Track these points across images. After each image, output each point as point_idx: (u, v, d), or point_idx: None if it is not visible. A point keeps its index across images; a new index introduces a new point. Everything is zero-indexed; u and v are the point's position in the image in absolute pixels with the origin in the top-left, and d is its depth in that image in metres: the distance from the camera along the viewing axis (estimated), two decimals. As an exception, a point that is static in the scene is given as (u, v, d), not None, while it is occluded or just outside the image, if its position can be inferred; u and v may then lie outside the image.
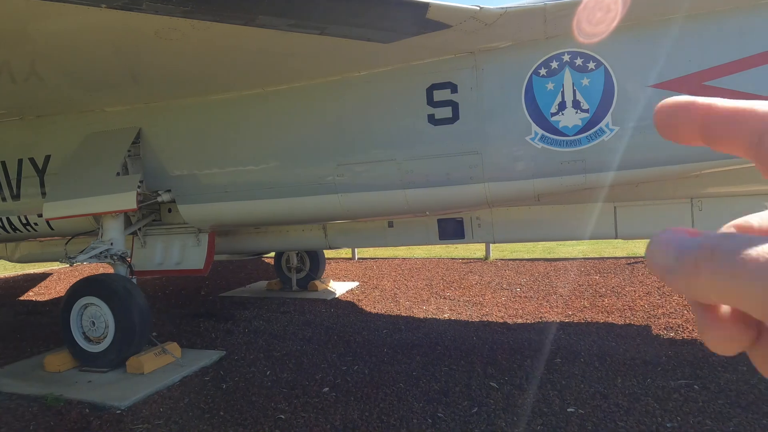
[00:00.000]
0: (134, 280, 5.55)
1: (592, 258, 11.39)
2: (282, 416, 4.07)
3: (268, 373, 5.09)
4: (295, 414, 4.09)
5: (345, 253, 14.33)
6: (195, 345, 6.12)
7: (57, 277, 12.88)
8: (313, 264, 9.30)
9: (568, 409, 3.92)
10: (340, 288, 9.25)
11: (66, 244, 5.73)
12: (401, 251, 14.16)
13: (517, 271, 10.26)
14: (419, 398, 4.29)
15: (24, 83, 4.58)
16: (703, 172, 4.29)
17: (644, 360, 4.88)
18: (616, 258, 11.11)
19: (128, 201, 5.06)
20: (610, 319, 6.40)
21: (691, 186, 5.11)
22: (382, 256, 13.66)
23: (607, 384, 4.36)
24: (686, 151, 4.12)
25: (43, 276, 13.18)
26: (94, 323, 5.23)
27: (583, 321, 6.40)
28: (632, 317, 6.44)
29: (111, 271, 5.67)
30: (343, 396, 4.41)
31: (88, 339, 5.32)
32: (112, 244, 5.46)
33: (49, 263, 14.65)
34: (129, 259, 5.68)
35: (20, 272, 13.88)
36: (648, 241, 0.38)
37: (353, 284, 9.68)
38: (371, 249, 14.11)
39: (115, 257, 5.46)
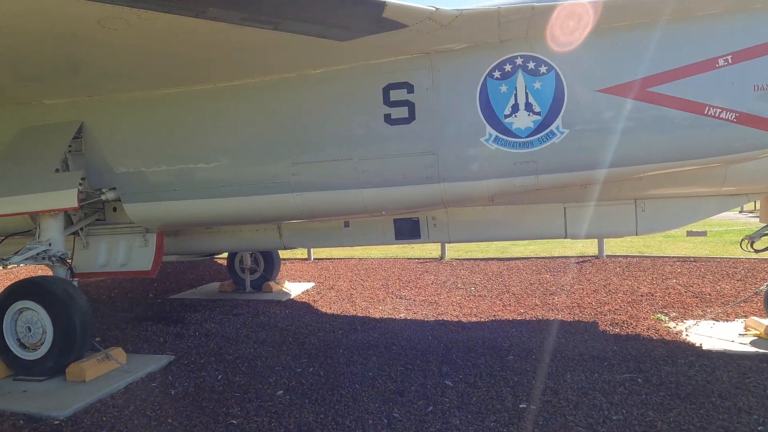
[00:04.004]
0: (75, 283, 5.25)
1: (543, 257, 11.74)
2: (234, 421, 3.95)
3: (220, 377, 4.94)
4: (247, 419, 3.98)
5: (300, 253, 14.14)
6: (142, 350, 5.86)
7: (-10, 281, 12.05)
8: (268, 265, 9.12)
9: (520, 405, 4.01)
10: (295, 289, 9.12)
11: (-1, 244, 5.36)
12: (358, 251, 14.12)
13: (472, 271, 10.43)
14: (375, 399, 4.27)
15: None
16: (647, 174, 4.47)
17: (592, 355, 5.05)
18: (566, 257, 11.49)
19: (69, 199, 4.78)
20: (559, 317, 6.60)
21: (634, 188, 5.33)
22: (338, 257, 13.57)
23: (557, 379, 4.49)
24: (631, 154, 4.29)
25: (-26, 279, 12.30)
26: (30, 329, 4.91)
27: (534, 319, 6.57)
28: (580, 314, 6.66)
29: (49, 273, 5.34)
30: (297, 399, 4.33)
31: (23, 346, 4.99)
32: (50, 244, 5.15)
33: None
34: (70, 261, 5.38)
35: (-52, 275, 12.90)
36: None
37: (309, 285, 9.56)
38: (327, 249, 14.00)
39: (54, 258, 5.15)
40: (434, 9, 3.75)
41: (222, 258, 12.69)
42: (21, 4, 3.28)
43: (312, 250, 13.37)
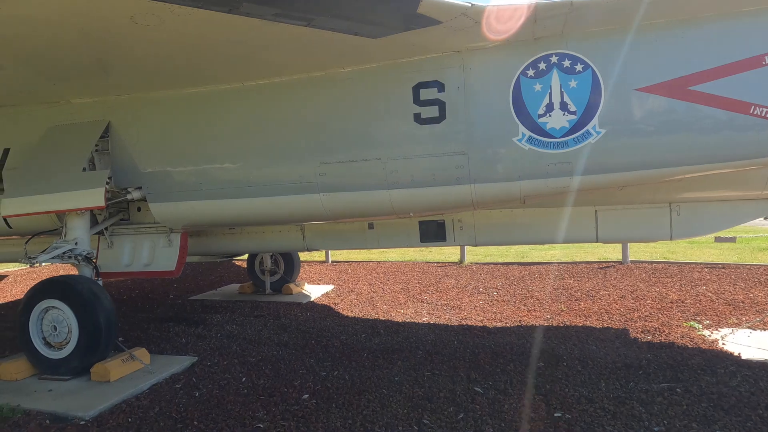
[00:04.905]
0: (100, 283, 5.24)
1: (565, 262, 11.53)
2: (261, 425, 3.87)
3: (244, 379, 4.87)
4: (274, 423, 3.90)
5: (318, 255, 14.10)
6: (164, 351, 5.83)
7: (13, 279, 12.21)
8: (288, 266, 9.08)
9: (555, 414, 3.87)
10: (315, 291, 9.06)
11: (26, 243, 5.36)
12: (375, 254, 14.03)
13: (493, 275, 10.28)
14: (403, 404, 4.16)
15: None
16: (686, 176, 4.32)
17: (625, 363, 4.89)
18: (588, 262, 11.27)
19: (96, 198, 4.76)
20: (588, 323, 6.43)
21: (669, 190, 5.18)
22: (356, 259, 13.50)
23: (591, 388, 4.34)
24: (671, 155, 4.14)
25: (-2, 278, 12.47)
26: (55, 328, 4.90)
27: (562, 325, 6.41)
28: (609, 321, 6.48)
29: (74, 272, 5.33)
30: (324, 403, 4.24)
31: (48, 345, 4.98)
32: (76, 243, 5.14)
33: (3, 265, 13.90)
34: (95, 260, 5.36)
35: (-29, 274, 13.10)
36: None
37: (328, 287, 9.49)
38: (345, 252, 13.94)
39: (80, 258, 5.14)
40: (470, 5, 3.65)
41: (241, 260, 12.70)
42: (53, 2, 3.26)
43: (330, 252, 13.31)
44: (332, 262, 13.24)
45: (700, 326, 6.04)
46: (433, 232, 5.89)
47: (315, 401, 4.28)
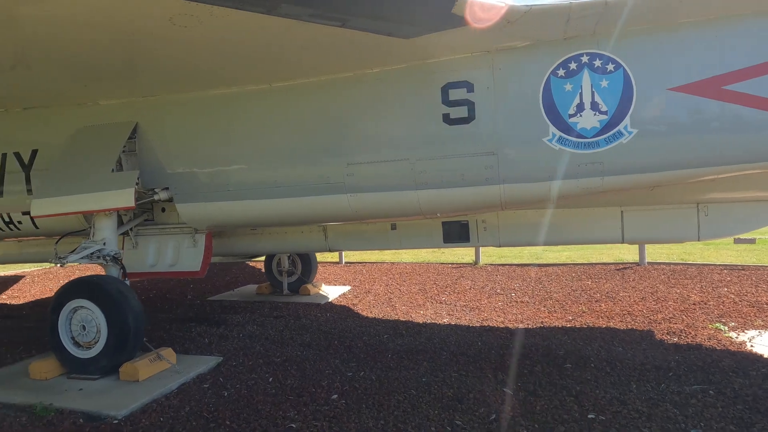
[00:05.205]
0: (127, 282, 5.27)
1: (580, 263, 11.48)
2: (293, 425, 3.87)
3: (271, 379, 4.88)
4: (306, 423, 3.90)
5: (331, 256, 14.12)
6: (189, 351, 5.85)
7: (30, 280, 12.32)
8: (305, 267, 9.10)
9: (589, 416, 3.84)
10: (332, 292, 9.06)
11: (56, 244, 5.40)
12: (389, 255, 14.02)
13: (509, 276, 10.24)
14: (433, 405, 4.15)
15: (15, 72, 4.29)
16: (719, 176, 4.29)
17: (654, 365, 4.85)
18: (604, 263, 11.21)
19: (126, 198, 4.79)
20: (611, 324, 6.39)
21: (697, 191, 5.13)
22: (369, 260, 13.50)
23: (623, 390, 4.31)
24: (704, 155, 4.11)
25: (15, 278, 12.58)
26: (84, 327, 4.94)
27: (585, 326, 6.37)
28: (633, 322, 6.44)
29: (93, 272, 5.37)
30: (354, 403, 4.24)
31: (77, 344, 5.01)
32: (104, 244, 5.17)
33: (20, 265, 14.03)
34: (122, 260, 5.40)
35: (-11, 274, 13.23)
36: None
37: (345, 288, 9.50)
38: (358, 252, 13.94)
39: (108, 258, 5.18)
40: (505, 5, 3.64)
41: (255, 261, 12.73)
42: (91, 3, 3.28)
43: (343, 253, 13.32)
44: (346, 263, 13.26)
45: (726, 328, 5.99)
46: (456, 233, 5.88)
47: (344, 401, 4.28)
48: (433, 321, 6.96)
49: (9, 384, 4.88)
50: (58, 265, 4.85)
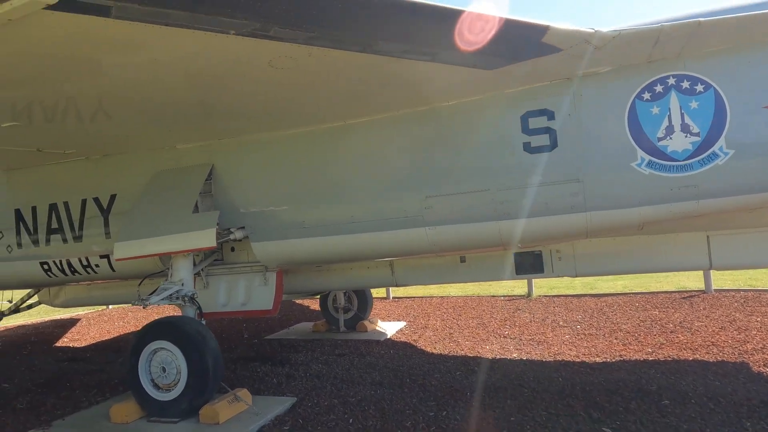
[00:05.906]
0: (203, 323, 5.27)
1: (639, 292, 11.03)
2: (390, 470, 3.71)
3: (351, 420, 4.74)
4: (403, 467, 3.74)
5: (377, 292, 13.97)
6: (260, 391, 5.77)
7: (86, 323, 12.55)
8: (361, 303, 8.99)
9: (709, 457, 3.57)
10: (389, 328, 8.90)
11: (138, 285, 5.48)
12: (435, 290, 13.79)
13: (567, 308, 9.89)
14: (533, 447, 3.93)
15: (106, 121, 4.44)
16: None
17: (761, 400, 4.52)
18: (667, 292, 10.74)
19: (208, 239, 4.85)
20: (697, 357, 6.03)
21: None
22: (416, 295, 13.30)
23: (736, 427, 4.00)
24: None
25: (72, 321, 12.85)
26: (164, 369, 4.92)
27: (669, 359, 6.03)
28: (720, 354, 6.07)
29: (153, 314, 5.40)
30: (447, 445, 4.05)
31: (156, 386, 4.99)
32: (182, 284, 5.22)
33: (74, 309, 14.35)
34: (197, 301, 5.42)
35: (46, 318, 13.55)
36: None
37: (401, 324, 9.32)
38: (404, 288, 13.75)
39: (186, 298, 5.21)
40: (593, 30, 3.62)
41: (306, 298, 12.69)
42: (193, 47, 3.31)
43: (391, 288, 13.16)
44: (393, 298, 13.09)
45: (828, 358, 5.58)
46: (529, 264, 5.72)
47: (436, 443, 4.10)
48: (502, 356, 6.72)
49: (91, 428, 4.88)
50: (142, 306, 4.89)
